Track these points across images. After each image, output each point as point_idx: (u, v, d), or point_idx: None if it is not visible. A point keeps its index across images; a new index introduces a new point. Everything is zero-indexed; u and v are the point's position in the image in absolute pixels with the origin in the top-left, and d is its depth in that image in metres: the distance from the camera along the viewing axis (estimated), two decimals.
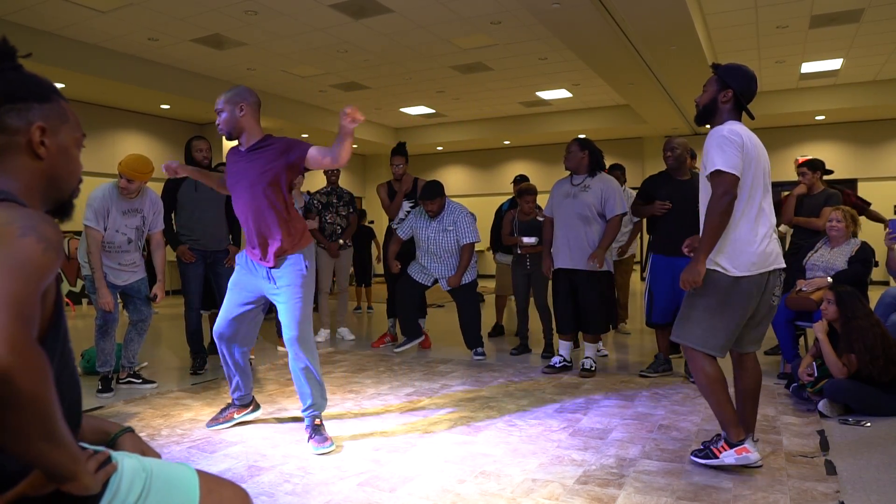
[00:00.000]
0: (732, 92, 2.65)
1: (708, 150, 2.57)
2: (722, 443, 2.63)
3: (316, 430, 3.05)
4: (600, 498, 2.39)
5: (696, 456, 2.72)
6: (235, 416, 3.41)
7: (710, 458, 2.65)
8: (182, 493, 1.15)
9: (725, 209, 2.50)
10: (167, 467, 1.18)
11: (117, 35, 7.70)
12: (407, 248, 5.47)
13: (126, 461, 1.12)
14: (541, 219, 5.21)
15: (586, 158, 4.56)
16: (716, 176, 2.52)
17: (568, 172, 4.70)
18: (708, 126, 2.75)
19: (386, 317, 5.99)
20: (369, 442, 3.09)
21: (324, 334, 6.21)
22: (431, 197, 4.99)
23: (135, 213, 4.09)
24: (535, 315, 5.49)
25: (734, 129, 2.57)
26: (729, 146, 2.52)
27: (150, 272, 4.39)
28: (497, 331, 6.54)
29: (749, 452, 2.58)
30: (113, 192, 4.00)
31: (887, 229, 4.27)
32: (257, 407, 3.49)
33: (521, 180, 6.45)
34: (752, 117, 2.73)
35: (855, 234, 4.33)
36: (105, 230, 3.97)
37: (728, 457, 2.60)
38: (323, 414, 3.17)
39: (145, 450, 1.30)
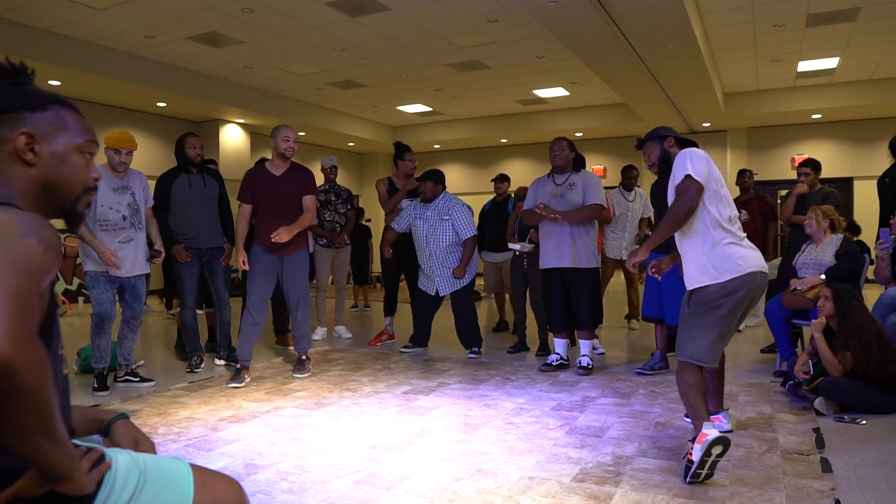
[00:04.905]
0: (672, 137, 3.10)
1: (677, 164, 2.81)
2: (691, 445, 2.58)
3: None
4: (597, 496, 2.40)
5: (688, 477, 2.53)
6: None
7: (692, 466, 2.51)
8: (176, 488, 1.14)
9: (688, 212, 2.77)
10: (161, 462, 1.18)
11: (114, 33, 7.68)
12: (405, 249, 5.49)
13: (120, 458, 1.11)
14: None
15: (572, 157, 4.68)
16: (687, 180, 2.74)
17: (547, 171, 4.84)
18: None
19: (383, 315, 5.99)
20: (366, 440, 3.09)
21: (321, 332, 6.20)
22: (426, 178, 5.17)
23: (125, 190, 4.16)
24: (530, 313, 5.49)
25: (697, 150, 2.84)
26: (698, 159, 2.76)
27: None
28: (501, 326, 6.65)
29: (707, 435, 2.49)
30: (102, 171, 4.04)
31: (880, 239, 4.32)
32: None
33: (502, 179, 6.56)
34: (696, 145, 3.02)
35: (833, 228, 4.36)
36: (99, 207, 4.03)
37: (697, 452, 2.51)
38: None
39: (139, 437, 1.29)
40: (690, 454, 2.56)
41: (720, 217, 2.75)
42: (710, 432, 2.51)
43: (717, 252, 2.72)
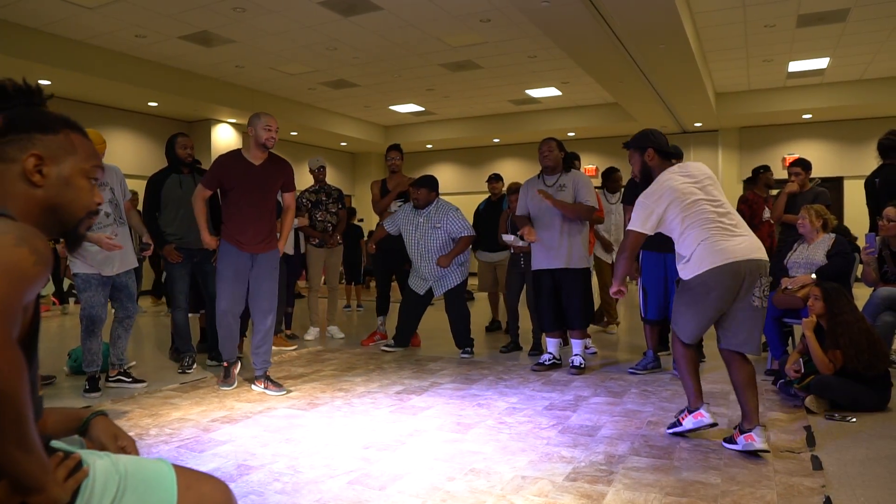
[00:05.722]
0: (652, 149, 3.13)
1: (637, 202, 3.02)
2: (685, 412, 3.01)
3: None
4: (589, 494, 2.40)
5: (668, 428, 3.11)
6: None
7: (676, 427, 3.03)
8: (159, 492, 1.12)
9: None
10: (143, 465, 1.16)
11: (104, 32, 7.64)
12: (397, 246, 5.48)
13: (99, 463, 1.09)
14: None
15: (562, 157, 4.70)
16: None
17: (536, 172, 4.86)
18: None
19: (376, 315, 5.98)
20: (359, 440, 3.08)
21: (313, 332, 6.19)
22: (420, 185, 5.14)
23: (104, 187, 4.09)
24: (525, 313, 5.50)
25: (652, 190, 2.98)
26: (643, 207, 2.95)
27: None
28: (494, 325, 6.67)
29: (703, 417, 2.92)
30: None
31: (866, 245, 4.34)
32: None
33: (495, 179, 6.57)
34: (679, 156, 3.30)
35: (825, 228, 4.39)
36: None
37: (687, 422, 2.98)
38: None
39: (118, 432, 1.28)
40: (682, 418, 3.00)
41: (700, 221, 2.87)
42: (706, 414, 2.92)
43: (700, 250, 2.86)
